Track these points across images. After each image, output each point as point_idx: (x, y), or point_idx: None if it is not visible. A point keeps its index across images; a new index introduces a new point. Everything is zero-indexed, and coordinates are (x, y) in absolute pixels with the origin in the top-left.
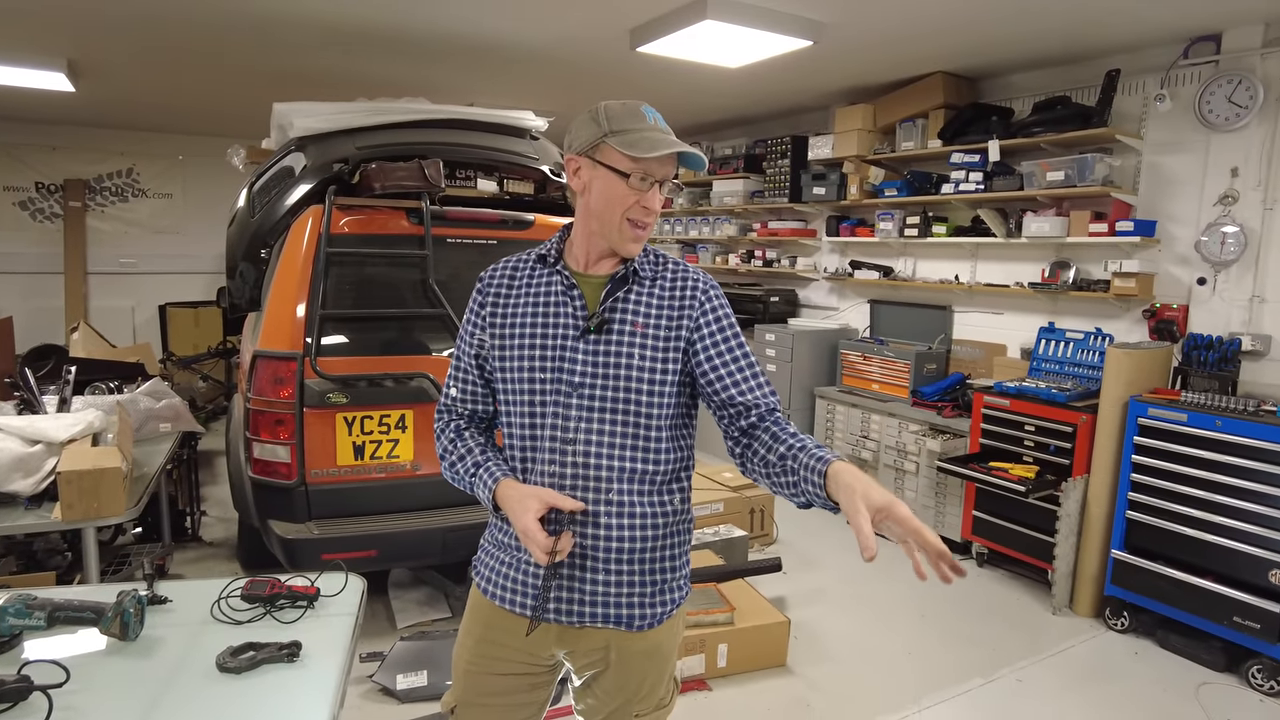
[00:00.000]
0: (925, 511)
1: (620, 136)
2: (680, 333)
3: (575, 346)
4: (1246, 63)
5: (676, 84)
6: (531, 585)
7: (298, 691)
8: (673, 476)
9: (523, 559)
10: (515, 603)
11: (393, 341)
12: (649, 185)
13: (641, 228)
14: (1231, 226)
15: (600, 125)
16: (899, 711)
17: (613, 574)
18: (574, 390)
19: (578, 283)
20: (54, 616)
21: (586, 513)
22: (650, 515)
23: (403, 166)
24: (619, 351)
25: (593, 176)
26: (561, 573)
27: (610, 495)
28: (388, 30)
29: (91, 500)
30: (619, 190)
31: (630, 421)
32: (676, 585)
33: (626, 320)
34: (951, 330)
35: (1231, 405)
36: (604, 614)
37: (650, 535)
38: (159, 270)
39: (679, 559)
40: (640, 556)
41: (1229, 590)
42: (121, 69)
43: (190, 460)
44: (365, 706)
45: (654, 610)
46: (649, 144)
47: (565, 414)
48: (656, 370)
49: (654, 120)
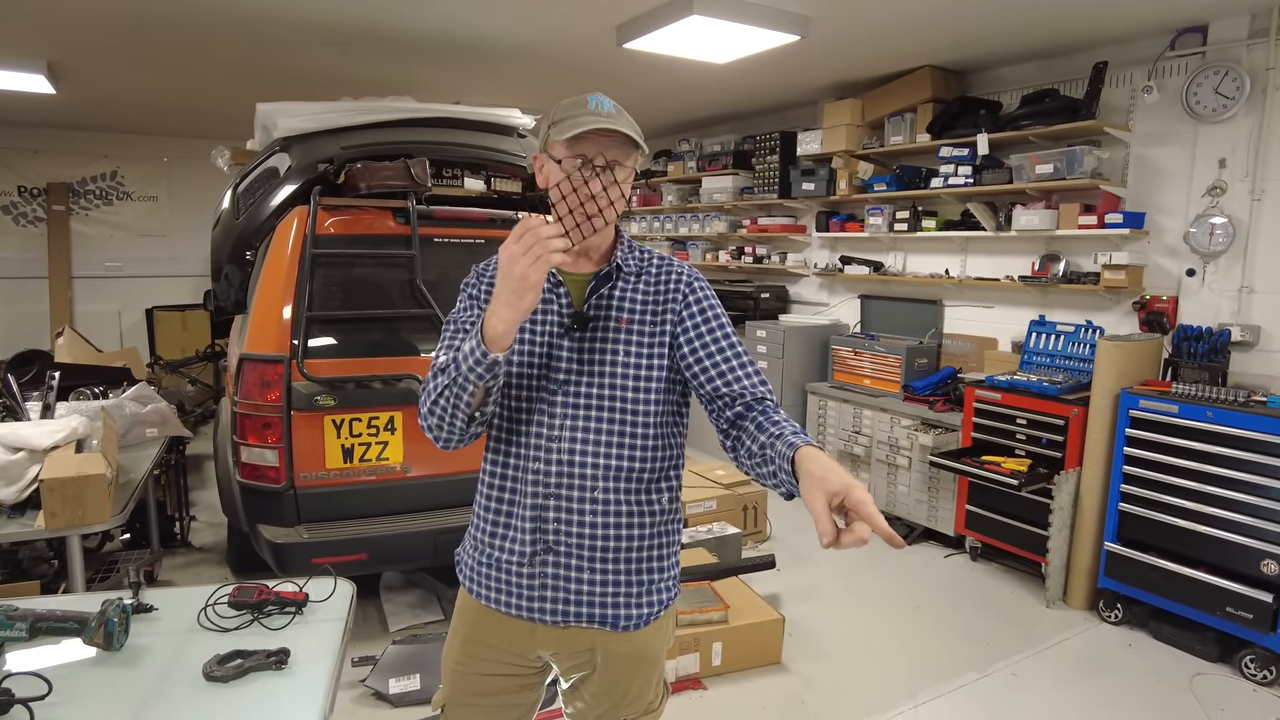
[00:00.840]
0: (918, 506)
1: (557, 126)
2: (665, 327)
3: (560, 344)
4: (1233, 54)
5: (664, 80)
6: (513, 583)
7: (286, 699)
8: (661, 475)
9: (499, 556)
10: (500, 602)
11: (380, 343)
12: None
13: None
14: (1220, 217)
15: (547, 120)
16: (895, 707)
17: (598, 573)
18: (559, 387)
19: (563, 279)
20: (36, 627)
21: (572, 510)
22: (637, 514)
23: (388, 166)
24: (604, 348)
25: (549, 171)
26: (547, 569)
27: (595, 493)
28: (373, 28)
29: (76, 508)
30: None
31: (616, 419)
32: (665, 586)
33: (612, 316)
34: (942, 324)
35: (1221, 396)
36: (589, 614)
37: (637, 534)
38: (145, 274)
39: (667, 559)
40: (626, 555)
41: (1221, 581)
42: (103, 70)
43: (178, 465)
44: (358, 711)
45: (640, 611)
46: (571, 126)
47: (551, 411)
48: (643, 366)
49: (596, 106)
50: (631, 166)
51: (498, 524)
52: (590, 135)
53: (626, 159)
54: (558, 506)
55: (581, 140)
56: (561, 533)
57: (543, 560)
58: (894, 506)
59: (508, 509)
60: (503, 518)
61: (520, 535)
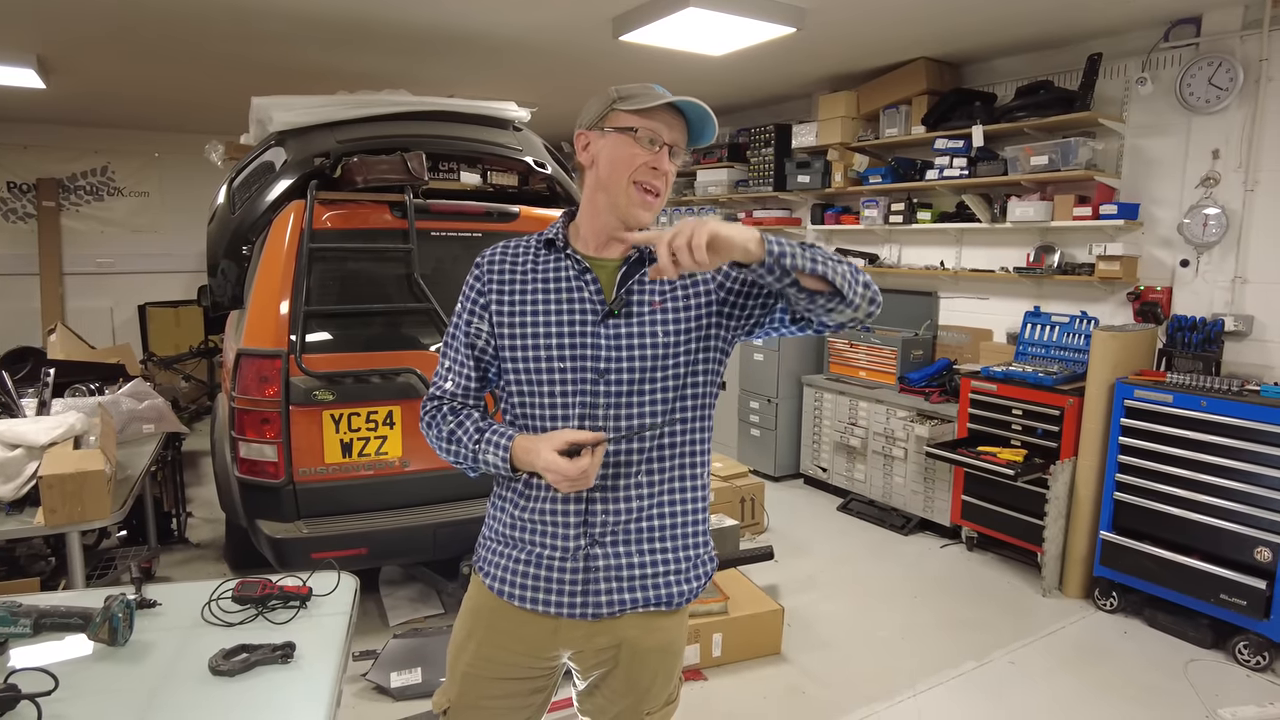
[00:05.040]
0: (915, 497)
1: (626, 101)
2: (702, 299)
3: (596, 331)
4: (1226, 45)
5: (660, 73)
6: (553, 579)
7: (293, 692)
8: (700, 450)
9: (536, 551)
10: (536, 600)
11: (378, 337)
12: (658, 147)
13: (651, 193)
14: (1213, 208)
15: (609, 97)
16: (894, 696)
17: (647, 554)
18: (600, 376)
19: (590, 266)
20: (40, 623)
21: (619, 498)
22: (679, 490)
23: (385, 160)
24: (643, 331)
25: (600, 145)
26: (595, 561)
27: (641, 476)
28: (368, 20)
29: (75, 504)
30: (625, 152)
31: (659, 399)
32: (708, 558)
33: (645, 301)
34: (937, 316)
35: (1215, 385)
36: (644, 598)
37: (680, 511)
38: (138, 270)
39: (706, 533)
40: (674, 534)
41: (1215, 568)
42: (93, 64)
43: (175, 461)
44: (359, 705)
45: (690, 586)
46: (653, 98)
47: (594, 400)
48: (681, 344)
49: (663, 92)
50: (683, 157)
51: (534, 520)
52: (664, 112)
53: (684, 147)
54: (604, 497)
55: (656, 114)
56: (609, 523)
57: (589, 554)
58: (890, 497)
59: (545, 505)
60: (540, 515)
61: (564, 530)
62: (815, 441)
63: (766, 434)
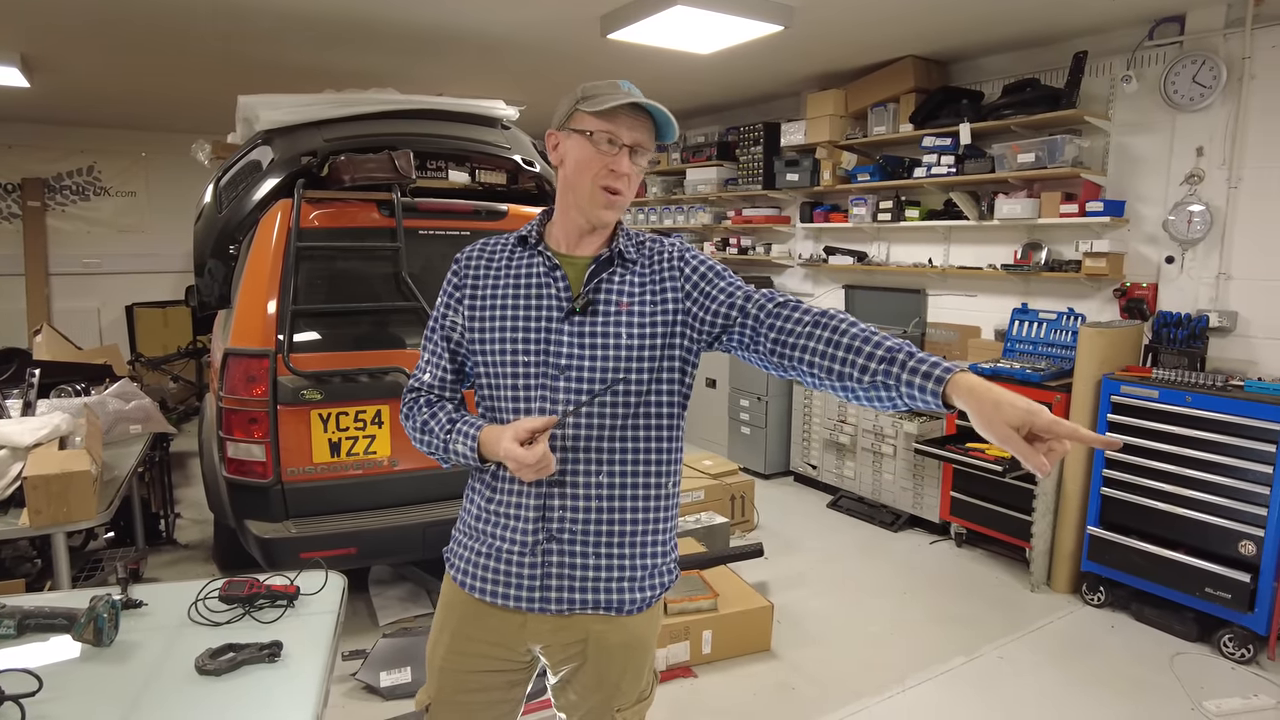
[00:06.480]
0: (904, 493)
1: (588, 101)
2: (669, 306)
3: (560, 328)
4: (1210, 43)
5: (649, 72)
6: (512, 573)
7: (279, 692)
8: (664, 458)
9: (499, 546)
10: (495, 594)
11: (366, 336)
12: (616, 149)
13: (614, 193)
14: (1198, 205)
15: (575, 96)
16: (884, 691)
17: (603, 558)
18: (561, 372)
19: (560, 263)
20: (24, 624)
21: (578, 496)
22: (641, 498)
23: (372, 158)
24: (606, 331)
25: (567, 146)
26: (550, 557)
27: (600, 478)
28: (357, 17)
29: (60, 505)
30: (587, 153)
31: (620, 401)
32: (666, 569)
33: (612, 300)
34: (926, 313)
35: (1200, 381)
36: (594, 600)
37: (640, 518)
38: (124, 270)
39: (668, 543)
40: (630, 540)
41: (1200, 562)
42: (78, 62)
43: (163, 462)
44: (349, 705)
45: (643, 595)
46: (607, 100)
47: (553, 396)
48: (645, 348)
49: (628, 89)
50: (650, 154)
51: (497, 513)
52: (623, 113)
53: (649, 145)
54: (562, 494)
55: (615, 116)
56: (566, 520)
57: (545, 549)
58: (880, 494)
59: (508, 498)
60: (503, 507)
61: (523, 524)
62: (805, 439)
63: (756, 431)
